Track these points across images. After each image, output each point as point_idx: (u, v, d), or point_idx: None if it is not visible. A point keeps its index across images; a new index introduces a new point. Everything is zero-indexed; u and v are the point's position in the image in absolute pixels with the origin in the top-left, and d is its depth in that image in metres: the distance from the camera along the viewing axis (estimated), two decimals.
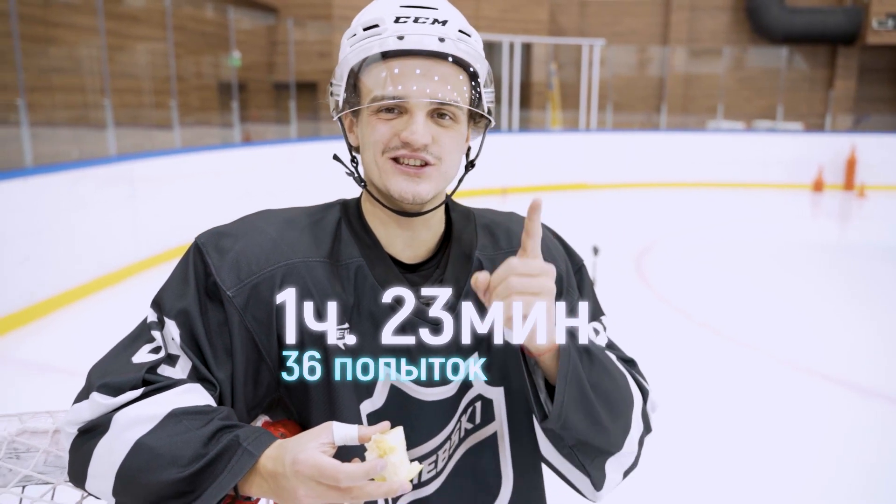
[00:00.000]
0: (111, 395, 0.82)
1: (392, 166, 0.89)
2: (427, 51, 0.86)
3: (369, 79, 0.89)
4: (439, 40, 0.87)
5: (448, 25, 0.89)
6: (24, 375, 4.36)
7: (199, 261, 0.91)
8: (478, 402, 0.99)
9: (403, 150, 0.88)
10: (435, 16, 0.89)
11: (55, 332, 5.10)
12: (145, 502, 0.79)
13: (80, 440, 0.83)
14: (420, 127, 0.87)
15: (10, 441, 0.88)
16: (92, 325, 5.26)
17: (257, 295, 0.89)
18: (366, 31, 0.90)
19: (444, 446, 0.98)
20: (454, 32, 0.89)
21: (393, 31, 0.87)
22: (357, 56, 0.89)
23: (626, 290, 6.23)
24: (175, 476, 0.76)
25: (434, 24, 0.88)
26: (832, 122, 14.41)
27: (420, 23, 0.88)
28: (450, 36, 0.88)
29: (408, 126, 0.87)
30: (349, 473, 0.71)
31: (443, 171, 0.92)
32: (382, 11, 0.90)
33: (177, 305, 0.88)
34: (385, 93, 0.87)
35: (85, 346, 4.61)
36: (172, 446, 0.78)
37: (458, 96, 0.89)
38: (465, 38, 0.90)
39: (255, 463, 0.77)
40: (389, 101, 0.87)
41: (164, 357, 0.87)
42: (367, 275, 0.93)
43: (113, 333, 0.95)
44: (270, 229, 0.94)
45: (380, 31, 0.88)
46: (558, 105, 14.14)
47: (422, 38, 0.86)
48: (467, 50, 0.89)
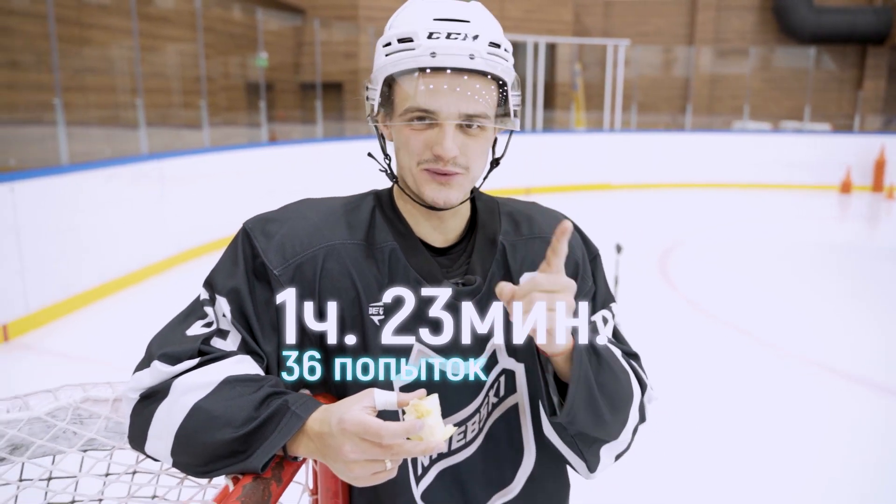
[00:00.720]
0: (170, 364, 0.90)
1: (426, 176, 0.97)
2: (458, 67, 0.91)
3: (403, 90, 0.94)
4: (470, 58, 0.91)
5: (479, 40, 0.92)
6: (60, 365, 4.50)
7: (248, 244, 0.98)
8: (502, 377, 1.06)
9: (436, 162, 0.95)
10: (467, 30, 0.92)
11: (89, 324, 5.25)
12: (201, 461, 0.85)
13: (142, 405, 0.90)
14: (449, 142, 0.93)
15: (74, 408, 0.96)
16: (125, 318, 5.40)
17: (301, 273, 0.96)
18: (400, 42, 0.94)
19: (473, 418, 1.05)
20: (485, 47, 0.93)
21: (426, 47, 0.91)
22: (392, 68, 0.94)
23: (649, 289, 6.23)
24: (229, 436, 0.83)
25: (465, 39, 0.92)
26: (861, 123, 14.21)
27: (452, 38, 0.91)
28: (480, 52, 0.92)
29: (438, 140, 0.93)
30: (391, 431, 0.77)
31: (470, 177, 0.99)
32: (416, 24, 0.94)
33: (227, 284, 0.96)
34: (417, 105, 0.93)
35: (118, 338, 4.77)
36: (227, 409, 0.84)
37: (486, 108, 0.94)
38: (495, 51, 0.94)
39: (302, 425, 0.83)
40: (421, 113, 0.93)
41: (215, 331, 0.94)
42: (400, 257, 1.00)
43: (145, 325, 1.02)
44: (312, 215, 1.02)
45: (413, 46, 0.92)
46: (582, 105, 14.12)
47: (454, 57, 0.91)
48: (497, 63, 0.94)
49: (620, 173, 12.70)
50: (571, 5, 14.41)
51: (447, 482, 1.07)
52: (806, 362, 4.53)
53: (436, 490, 1.07)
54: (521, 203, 1.15)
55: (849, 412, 3.84)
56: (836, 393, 4.10)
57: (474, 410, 1.05)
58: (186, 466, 0.88)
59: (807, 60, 14.58)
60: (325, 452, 0.81)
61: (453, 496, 1.08)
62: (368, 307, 0.98)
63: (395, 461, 0.80)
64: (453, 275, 1.04)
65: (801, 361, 4.55)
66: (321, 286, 0.97)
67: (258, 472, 0.83)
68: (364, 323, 0.98)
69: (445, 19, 0.93)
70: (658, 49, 15.48)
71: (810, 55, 14.49)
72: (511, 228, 1.09)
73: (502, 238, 1.07)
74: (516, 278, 1.04)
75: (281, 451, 0.85)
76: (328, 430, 0.80)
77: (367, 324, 0.98)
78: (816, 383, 4.22)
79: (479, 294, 1.02)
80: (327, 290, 0.98)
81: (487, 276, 1.03)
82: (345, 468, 0.80)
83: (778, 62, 15.41)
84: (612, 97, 13.00)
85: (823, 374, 4.35)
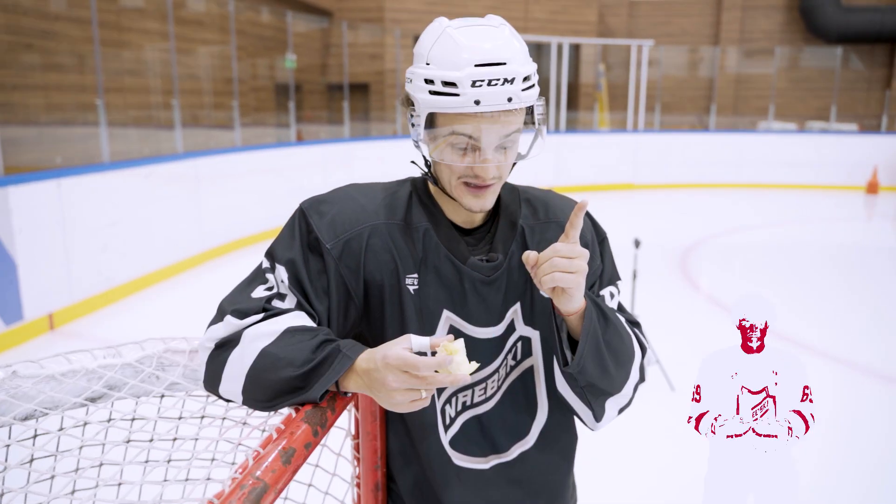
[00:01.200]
0: (239, 318, 1.08)
1: (465, 189, 1.11)
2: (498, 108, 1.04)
3: (447, 119, 1.07)
4: (508, 100, 1.03)
5: (515, 83, 1.03)
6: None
7: (304, 221, 1.15)
8: (519, 343, 1.23)
9: (475, 178, 1.09)
10: (505, 74, 1.02)
11: (130, 313, 5.51)
12: (268, 396, 1.03)
13: (216, 353, 1.08)
14: (491, 166, 1.07)
15: (158, 356, 1.14)
16: (163, 308, 5.66)
17: (349, 248, 1.13)
18: (445, 85, 1.03)
19: (493, 377, 1.22)
20: (520, 86, 1.04)
21: (471, 95, 1.01)
22: (437, 107, 1.05)
23: (671, 288, 6.33)
24: (291, 374, 1.00)
25: (504, 84, 1.02)
26: (889, 123, 14.08)
27: (493, 85, 1.01)
28: (517, 94, 1.03)
29: (478, 162, 1.07)
30: (426, 363, 0.94)
31: (502, 182, 1.15)
32: (460, 70, 1.02)
33: (285, 255, 1.13)
34: (462, 132, 1.06)
35: (157, 326, 5.01)
36: (289, 353, 1.02)
37: (518, 125, 1.08)
38: (528, 85, 1.06)
39: (351, 364, 1.00)
40: (465, 140, 1.07)
41: (276, 294, 1.12)
42: (433, 236, 1.17)
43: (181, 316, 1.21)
44: (358, 197, 1.19)
45: (458, 93, 1.02)
46: (606, 106, 14.17)
47: (495, 99, 1.02)
48: (530, 96, 1.06)
49: (644, 174, 12.75)
50: (596, 6, 14.47)
51: (472, 431, 1.23)
52: (830, 360, 4.60)
53: (462, 437, 1.23)
54: (538, 190, 1.30)
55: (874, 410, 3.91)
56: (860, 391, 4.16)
57: (493, 370, 1.21)
58: (255, 402, 1.05)
59: (834, 60, 14.48)
60: (371, 385, 0.99)
61: (478, 443, 1.24)
62: (405, 278, 1.15)
63: (428, 391, 0.97)
64: (478, 252, 1.18)
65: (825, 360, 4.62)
66: (366, 259, 1.14)
67: (316, 403, 1.00)
68: (401, 291, 1.15)
69: (486, 64, 1.02)
70: (683, 49, 15.48)
71: (837, 55, 14.39)
72: (530, 213, 1.23)
73: (522, 221, 1.22)
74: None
75: (334, 387, 1.03)
76: (374, 367, 0.97)
77: (404, 292, 1.15)
78: (841, 383, 4.25)
79: (500, 269, 1.17)
80: (371, 262, 1.14)
81: (508, 254, 1.19)
82: (387, 396, 0.97)
83: (804, 62, 15.31)
84: (635, 97, 13.05)
85: (849, 374, 4.40)
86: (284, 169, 8.37)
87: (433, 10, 12.51)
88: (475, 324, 1.18)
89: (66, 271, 5.16)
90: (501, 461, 1.24)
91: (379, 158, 9.63)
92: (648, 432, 3.45)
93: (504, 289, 1.19)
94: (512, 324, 1.21)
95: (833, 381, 4.22)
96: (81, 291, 5.30)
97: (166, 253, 6.43)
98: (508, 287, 1.19)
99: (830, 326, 5.37)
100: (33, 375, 1.04)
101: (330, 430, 1.00)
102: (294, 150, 9.00)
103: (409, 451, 1.24)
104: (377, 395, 0.99)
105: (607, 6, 15.26)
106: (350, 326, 1.17)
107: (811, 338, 4.99)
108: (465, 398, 1.22)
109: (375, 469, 1.26)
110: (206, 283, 6.35)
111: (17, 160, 5.42)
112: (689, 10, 15.57)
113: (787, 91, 14.97)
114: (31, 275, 4.80)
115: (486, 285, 1.17)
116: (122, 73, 8.02)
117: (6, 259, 4.62)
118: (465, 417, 1.23)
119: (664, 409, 3.62)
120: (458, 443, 1.23)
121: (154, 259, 6.24)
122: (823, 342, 4.93)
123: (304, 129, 10.50)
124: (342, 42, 11.09)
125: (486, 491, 1.24)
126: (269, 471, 0.80)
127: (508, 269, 1.19)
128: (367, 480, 1.26)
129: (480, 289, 1.17)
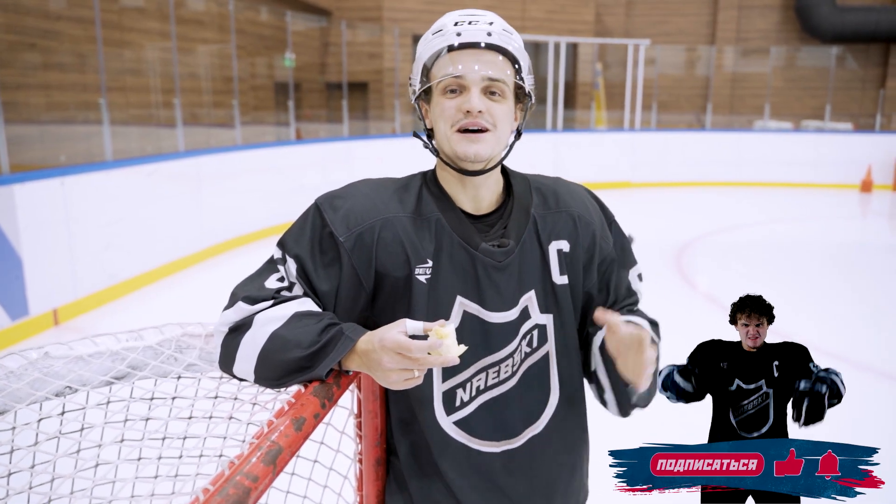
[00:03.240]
0: (250, 304, 1.17)
1: (459, 135, 1.19)
2: (478, 42, 1.18)
3: (437, 68, 1.20)
4: (487, 34, 1.18)
5: (494, 26, 1.20)
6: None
7: (318, 216, 1.22)
8: (535, 331, 1.27)
9: (465, 119, 1.18)
10: (485, 19, 1.21)
11: (133, 309, 5.60)
12: (278, 374, 1.12)
13: (230, 336, 1.17)
14: (475, 98, 1.17)
15: (177, 340, 1.24)
16: (165, 304, 5.74)
17: (361, 241, 1.20)
18: (433, 34, 1.21)
19: (506, 361, 1.25)
20: (500, 30, 1.20)
21: (453, 31, 1.19)
22: (426, 53, 1.22)
23: (668, 286, 6.41)
24: (299, 355, 1.10)
25: (483, 24, 1.20)
26: (883, 122, 14.20)
27: (473, 24, 1.19)
28: (496, 31, 1.19)
29: (467, 99, 1.17)
30: (418, 345, 1.03)
31: (497, 135, 1.20)
32: (446, 19, 1.22)
33: (295, 249, 1.21)
34: (448, 73, 1.18)
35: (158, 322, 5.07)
36: (297, 335, 1.11)
37: (504, 76, 1.18)
38: (508, 34, 1.21)
39: (353, 345, 1.10)
40: (451, 78, 1.18)
41: (286, 285, 1.21)
42: (444, 225, 1.22)
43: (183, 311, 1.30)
44: (371, 192, 1.25)
45: (443, 33, 1.19)
46: (603, 105, 14.26)
47: (475, 34, 1.18)
48: (510, 42, 1.20)
49: (641, 172, 12.85)
50: (593, 5, 14.57)
51: (486, 414, 1.26)
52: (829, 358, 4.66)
53: (475, 420, 1.26)
54: (547, 178, 1.37)
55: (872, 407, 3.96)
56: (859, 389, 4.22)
57: (508, 355, 1.25)
58: (266, 380, 1.14)
59: (829, 59, 14.59)
60: (369, 365, 1.08)
61: (491, 425, 1.27)
62: (416, 268, 1.20)
63: (421, 370, 1.06)
64: (490, 239, 1.24)
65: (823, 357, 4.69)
66: (377, 251, 1.19)
67: (322, 380, 1.10)
68: (412, 282, 1.21)
69: (469, 15, 1.21)
70: (679, 48, 15.59)
71: (832, 54, 14.50)
72: (540, 202, 1.29)
73: (534, 210, 1.27)
74: (546, 245, 1.26)
75: (337, 367, 1.12)
76: (372, 348, 1.07)
77: (415, 282, 1.20)
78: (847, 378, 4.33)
79: (512, 255, 1.23)
80: (382, 254, 1.20)
81: (520, 241, 1.24)
82: (383, 375, 1.06)
83: (800, 61, 15.43)
84: (632, 96, 13.14)
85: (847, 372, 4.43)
86: (284, 167, 8.46)
87: (432, 10, 12.60)
88: (489, 308, 1.22)
89: (70, 268, 5.25)
90: (511, 447, 1.27)
91: (378, 157, 9.71)
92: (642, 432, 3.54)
93: (517, 274, 1.23)
94: (526, 310, 1.25)
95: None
96: (85, 288, 5.38)
97: (168, 250, 6.52)
98: (522, 273, 1.24)
99: (827, 323, 5.42)
100: (64, 356, 1.13)
101: (336, 404, 1.10)
102: (293, 148, 9.09)
103: (408, 420, 1.30)
104: (375, 374, 1.08)
105: (604, 5, 15.36)
106: (359, 313, 1.24)
107: (808, 334, 5.06)
108: (479, 382, 1.25)
109: (376, 445, 1.35)
110: (207, 279, 6.44)
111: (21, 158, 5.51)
112: (686, 10, 15.68)
113: (782, 90, 15.08)
114: (36, 271, 4.89)
115: (499, 271, 1.21)
116: (123, 72, 8.11)
117: (12, 255, 4.71)
118: (480, 401, 1.26)
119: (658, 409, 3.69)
120: (469, 425, 1.26)
121: (156, 256, 6.33)
122: (821, 339, 4.96)
123: (304, 128, 10.57)
124: (341, 41, 11.17)
125: (491, 477, 1.27)
126: (284, 435, 0.90)
127: (521, 256, 1.23)
128: (369, 456, 1.35)
129: (493, 274, 1.21)
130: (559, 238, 1.27)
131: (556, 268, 1.27)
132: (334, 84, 11.79)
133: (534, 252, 1.25)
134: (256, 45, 10.58)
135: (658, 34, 15.22)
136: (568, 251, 1.27)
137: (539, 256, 1.26)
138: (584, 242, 1.29)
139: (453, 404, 1.26)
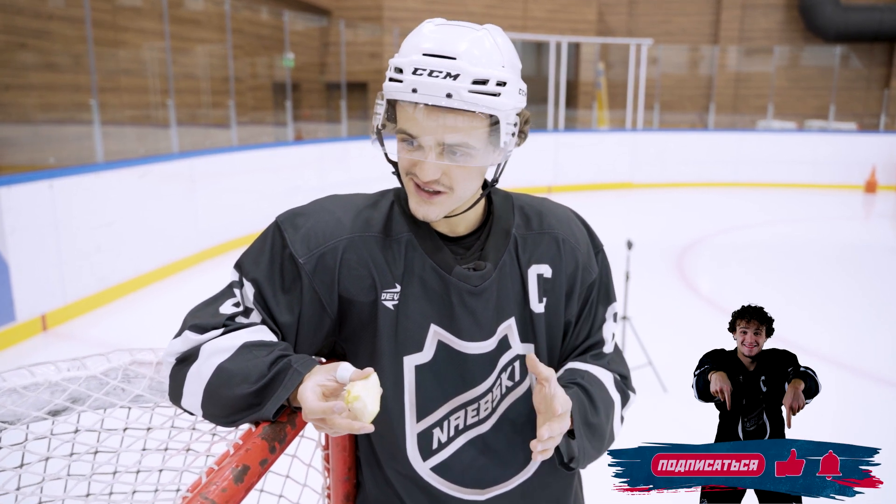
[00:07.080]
0: (198, 333, 1.05)
1: (412, 188, 1.06)
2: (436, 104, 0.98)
3: (397, 111, 1.05)
4: (447, 96, 0.96)
5: (460, 79, 0.96)
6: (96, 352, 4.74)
7: (278, 235, 1.11)
8: (516, 362, 1.15)
9: (416, 178, 1.04)
10: (450, 68, 0.96)
11: (124, 314, 5.50)
12: (225, 412, 1.01)
13: (177, 367, 1.06)
14: (427, 166, 1.01)
15: (124, 368, 1.13)
16: (157, 309, 5.65)
17: (323, 262, 1.09)
18: (395, 72, 1.00)
19: (485, 397, 1.13)
20: (466, 85, 0.97)
21: (409, 83, 0.98)
22: (388, 94, 1.02)
23: (668, 288, 6.32)
24: (246, 391, 0.99)
25: (446, 78, 0.96)
26: (887, 122, 14.06)
27: (433, 77, 0.96)
28: (459, 92, 0.96)
29: (419, 164, 1.03)
30: (311, 408, 0.92)
31: (455, 196, 1.06)
32: (408, 56, 0.99)
33: (252, 272, 1.10)
34: (403, 128, 1.02)
35: (151, 328, 5.00)
36: (244, 369, 1.00)
37: (469, 139, 0.99)
38: (479, 88, 0.97)
39: (302, 380, 0.98)
40: (406, 136, 1.02)
41: (242, 310, 1.09)
42: (416, 246, 1.10)
43: (176, 316, 1.19)
44: (336, 210, 1.14)
45: (401, 79, 0.99)
46: (605, 104, 14.15)
47: (431, 96, 0.97)
48: (479, 100, 0.97)
49: (642, 172, 12.74)
50: (595, 5, 14.45)
51: (466, 457, 1.14)
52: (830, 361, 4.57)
53: (455, 464, 1.14)
54: (532, 198, 1.24)
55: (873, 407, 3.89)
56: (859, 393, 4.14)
57: (486, 390, 1.13)
58: (214, 417, 1.04)
59: (833, 59, 14.45)
60: None
61: (474, 472, 1.14)
62: (383, 293, 1.09)
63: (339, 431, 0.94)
64: (467, 261, 1.12)
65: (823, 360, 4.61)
66: (340, 274, 1.08)
67: (270, 421, 0.99)
68: (377, 307, 1.09)
69: (433, 55, 0.98)
70: (682, 48, 15.46)
71: (836, 54, 14.36)
72: (523, 222, 1.17)
73: (514, 231, 1.15)
74: (525, 269, 1.14)
75: (287, 403, 1.01)
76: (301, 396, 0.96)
77: (380, 308, 1.08)
78: (841, 384, 4.22)
79: (489, 279, 1.10)
80: (346, 278, 1.08)
81: (499, 264, 1.12)
82: None
83: (804, 61, 15.29)
84: (634, 96, 13.03)
85: (847, 376, 4.37)
86: (282, 168, 8.36)
87: (432, 9, 12.50)
88: (465, 338, 1.11)
89: (59, 272, 5.15)
90: (499, 492, 1.16)
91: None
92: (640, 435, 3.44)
93: (494, 300, 1.11)
94: (506, 340, 1.13)
95: (834, 381, 4.20)
96: (75, 292, 5.29)
97: (161, 253, 6.42)
98: (500, 299, 1.12)
99: (830, 326, 5.35)
100: None
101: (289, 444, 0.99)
102: (291, 148, 8.99)
103: (375, 464, 1.20)
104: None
105: (607, 5, 15.24)
106: (322, 338, 1.13)
107: (811, 337, 4.98)
108: (457, 421, 1.14)
109: (346, 480, 1.25)
110: (201, 283, 6.34)
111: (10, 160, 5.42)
112: (689, 9, 15.55)
113: (786, 90, 14.94)
114: (23, 276, 4.79)
115: (474, 296, 1.10)
116: (118, 72, 8.01)
117: None
118: (460, 443, 1.14)
119: (656, 412, 3.61)
120: (447, 470, 1.14)
121: (149, 259, 6.23)
122: (823, 342, 4.92)
123: (302, 128, 10.48)
124: (340, 41, 11.08)
125: None
126: (220, 490, 0.79)
127: (499, 280, 1.12)
128: (337, 491, 1.25)
129: (468, 300, 1.10)
130: (540, 262, 1.15)
131: (535, 294, 1.14)
132: (334, 84, 11.70)
133: (514, 276, 1.14)
134: (255, 45, 10.49)
135: (661, 33, 15.10)
136: (549, 277, 1.15)
137: (518, 280, 1.14)
138: (567, 268, 1.17)
139: (430, 447, 1.14)
